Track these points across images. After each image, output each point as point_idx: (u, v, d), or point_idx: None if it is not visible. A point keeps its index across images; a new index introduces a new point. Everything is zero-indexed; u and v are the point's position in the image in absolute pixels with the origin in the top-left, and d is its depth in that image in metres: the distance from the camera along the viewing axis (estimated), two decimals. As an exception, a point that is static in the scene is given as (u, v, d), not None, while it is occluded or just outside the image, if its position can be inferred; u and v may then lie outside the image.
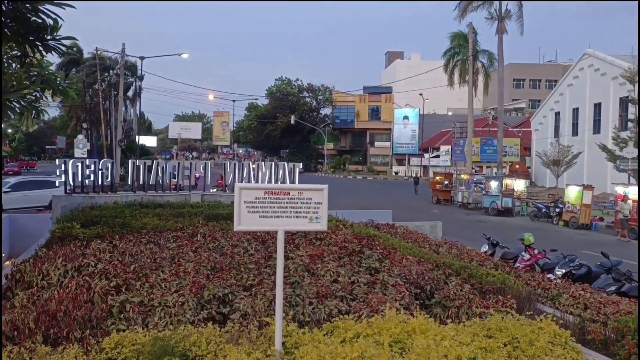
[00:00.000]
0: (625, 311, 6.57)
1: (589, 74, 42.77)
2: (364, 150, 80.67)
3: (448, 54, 44.97)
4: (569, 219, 26.20)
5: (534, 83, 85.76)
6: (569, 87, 45.82)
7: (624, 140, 27.86)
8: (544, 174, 45.85)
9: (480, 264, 8.90)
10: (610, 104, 39.53)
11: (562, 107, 46.59)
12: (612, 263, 10.20)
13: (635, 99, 28.08)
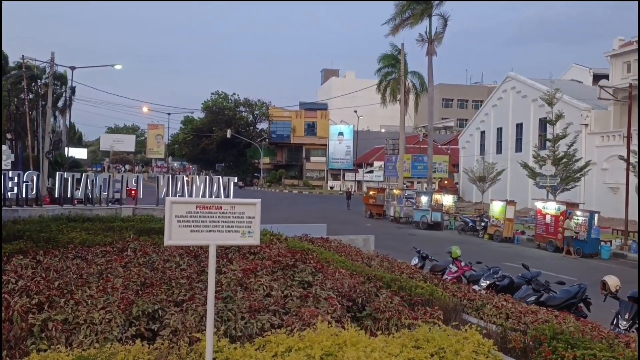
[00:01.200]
0: (542, 320, 6.91)
1: (511, 95, 45.00)
2: (300, 165, 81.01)
3: (381, 73, 46.08)
4: (494, 232, 27.31)
5: (461, 103, 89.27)
6: (493, 107, 47.96)
7: (543, 158, 29.36)
8: (471, 189, 47.59)
9: (410, 277, 9.11)
10: (531, 124, 41.72)
11: (487, 126, 48.67)
12: (532, 274, 10.69)
13: (553, 120, 29.72)
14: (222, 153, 79.66)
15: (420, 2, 40.05)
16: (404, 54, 42.84)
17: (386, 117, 75.86)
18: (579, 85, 46.09)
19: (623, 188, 26.09)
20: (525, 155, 38.29)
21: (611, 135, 34.17)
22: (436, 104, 74.15)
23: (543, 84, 38.56)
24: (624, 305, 8.77)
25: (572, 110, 35.88)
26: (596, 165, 33.78)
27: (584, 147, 34.90)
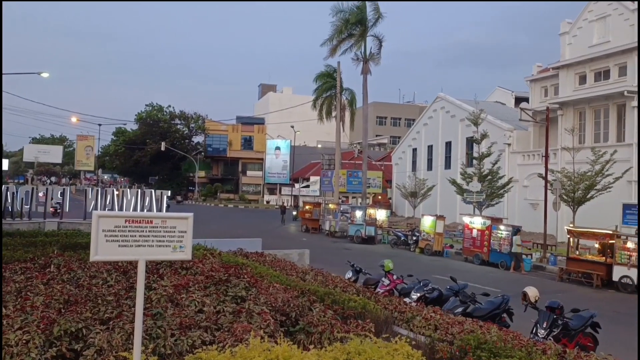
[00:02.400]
0: (468, 330, 7.15)
1: (441, 115, 46.61)
2: (236, 179, 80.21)
3: (317, 90, 46.62)
4: (424, 246, 28.02)
5: (394, 121, 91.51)
6: (424, 126, 49.46)
7: (470, 175, 30.51)
8: (403, 204, 48.70)
9: (344, 290, 9.18)
10: (459, 142, 43.33)
11: (418, 144, 50.11)
12: (460, 286, 11.05)
13: (478, 139, 31.00)
14: (155, 166, 77.69)
15: (356, 25, 40.95)
16: (340, 73, 43.57)
17: (322, 133, 76.59)
18: (503, 107, 48.37)
19: (542, 204, 27.49)
20: (453, 172, 39.62)
21: (531, 155, 36.02)
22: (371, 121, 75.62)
23: (470, 104, 40.21)
24: (542, 314, 9.22)
25: (496, 130, 37.60)
26: (518, 183, 35.45)
27: (507, 165, 36.57)
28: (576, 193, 25.26)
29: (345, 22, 40.67)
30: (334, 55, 42.03)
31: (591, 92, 31.90)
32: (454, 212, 39.27)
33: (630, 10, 29.88)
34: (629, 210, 23.97)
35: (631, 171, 27.53)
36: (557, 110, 33.81)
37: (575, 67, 33.43)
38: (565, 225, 24.82)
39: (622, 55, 30.20)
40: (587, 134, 32.70)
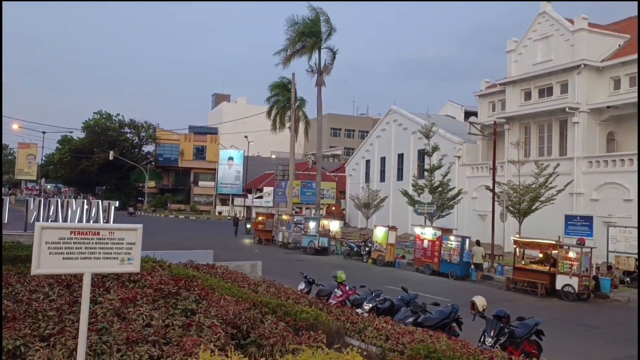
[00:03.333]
0: (418, 340, 7.24)
1: (394, 127, 47.36)
2: (187, 189, 78.85)
3: (271, 101, 46.60)
4: (377, 257, 28.26)
5: (348, 132, 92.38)
6: (377, 138, 50.12)
7: (421, 187, 31.06)
8: (357, 215, 49.06)
9: (296, 302, 9.14)
10: (411, 154, 44.10)
11: (372, 155, 50.71)
12: (411, 296, 11.19)
13: (430, 152, 31.65)
14: (103, 175, 75.44)
15: (310, 37, 41.23)
16: (295, 84, 43.74)
17: (276, 144, 76.45)
18: (453, 121, 49.61)
19: (490, 215, 28.25)
20: (405, 183, 40.24)
21: (480, 167, 37.02)
22: (325, 132, 76.15)
23: (421, 118, 41.06)
24: (490, 323, 9.44)
25: (446, 143, 38.48)
26: (467, 194, 36.33)
27: (456, 177, 37.42)
28: (522, 205, 26.09)
29: (299, 34, 40.89)
30: (287, 66, 42.17)
31: (535, 108, 33.12)
32: (406, 223, 39.85)
33: (570, 32, 31.25)
34: (571, 221, 24.90)
35: (572, 184, 28.69)
36: (504, 124, 34.93)
37: (520, 84, 34.66)
38: (511, 235, 25.55)
39: (563, 73, 31.53)
40: (532, 148, 33.89)
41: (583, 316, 16.98)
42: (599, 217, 26.50)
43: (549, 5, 33.04)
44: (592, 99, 30.50)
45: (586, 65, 30.22)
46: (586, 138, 30.42)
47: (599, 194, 28.68)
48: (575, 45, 30.92)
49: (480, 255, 24.61)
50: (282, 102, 45.67)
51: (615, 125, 31.35)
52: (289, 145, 45.26)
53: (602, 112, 30.60)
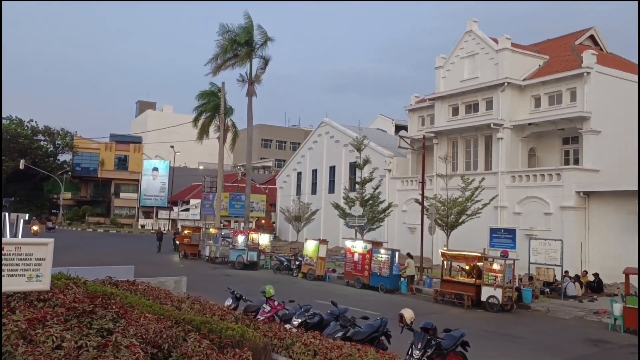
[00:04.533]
0: (346, 354, 7.09)
1: (325, 140, 47.61)
2: (107, 201, 75.64)
3: (199, 109, 45.65)
4: (307, 271, 28.04)
5: (280, 144, 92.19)
6: (309, 150, 50.21)
7: (352, 199, 31.27)
8: (287, 228, 48.79)
9: (222, 318, 8.80)
10: (342, 167, 44.43)
11: (303, 167, 50.70)
12: (340, 311, 11.08)
13: (361, 164, 31.96)
14: (12, 186, 70.31)
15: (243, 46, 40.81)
16: (225, 92, 43.09)
17: (205, 154, 75.06)
18: (384, 134, 50.54)
19: (419, 228, 28.79)
20: (337, 196, 40.41)
21: (409, 181, 37.79)
22: (256, 143, 75.56)
23: (353, 130, 41.49)
24: (417, 335, 9.47)
25: (377, 156, 39.05)
26: (397, 207, 36.94)
27: (387, 190, 37.98)
28: (449, 218, 26.75)
29: (231, 42, 40.36)
30: (217, 74, 41.34)
31: (462, 123, 34.23)
32: (337, 236, 39.97)
33: (495, 51, 32.62)
34: (495, 234, 25.76)
35: (497, 197, 29.77)
36: (432, 138, 35.86)
37: (448, 99, 35.77)
38: (440, 248, 26.10)
39: (488, 90, 32.81)
40: (459, 162, 34.95)
41: (506, 326, 17.46)
42: (522, 230, 27.65)
43: (475, 25, 34.38)
44: (515, 116, 31.89)
45: (509, 83, 31.60)
46: (510, 153, 31.71)
47: (521, 208, 29.90)
48: (500, 63, 32.28)
49: (413, 267, 25.02)
50: (210, 111, 44.79)
51: (536, 141, 32.90)
52: (217, 156, 44.43)
53: (524, 129, 32.03)
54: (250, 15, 40.62)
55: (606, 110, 28.83)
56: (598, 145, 28.74)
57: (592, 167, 28.39)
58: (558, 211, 27.79)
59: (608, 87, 29.24)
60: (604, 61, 30.91)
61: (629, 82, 30.25)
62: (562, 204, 27.59)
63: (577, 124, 29.13)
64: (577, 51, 32.12)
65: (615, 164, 28.48)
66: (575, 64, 30.18)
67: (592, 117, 28.52)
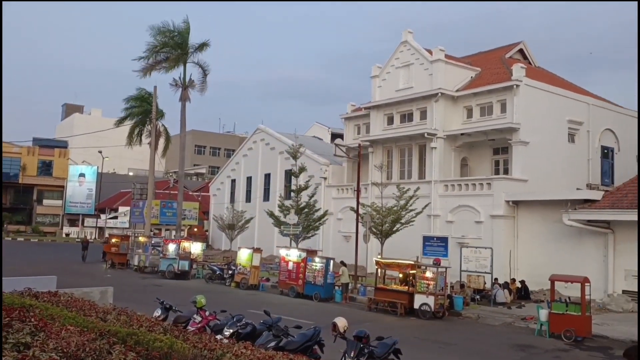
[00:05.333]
0: (279, 364, 6.88)
1: (261, 147, 47.15)
2: (29, 208, 71.50)
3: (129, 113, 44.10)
4: (240, 280, 27.53)
5: (214, 150, 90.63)
6: (244, 157, 49.56)
7: (287, 207, 31.00)
8: (220, 237, 47.86)
9: (150, 330, 8.37)
10: (278, 175, 44.10)
11: (237, 175, 49.97)
12: (273, 320, 10.87)
13: (296, 172, 31.79)
14: None
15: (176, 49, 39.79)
16: (156, 97, 41.86)
17: (135, 160, 72.64)
18: (320, 142, 50.64)
19: (354, 236, 28.86)
20: (272, 204, 40.01)
21: (345, 189, 37.95)
22: (189, 150, 73.83)
23: (289, 138, 41.29)
24: (350, 344, 9.39)
25: (313, 164, 39.00)
26: (333, 215, 36.98)
27: (322, 198, 37.95)
28: (384, 226, 26.96)
29: (163, 45, 39.26)
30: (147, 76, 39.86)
31: (397, 133, 34.75)
32: (272, 245, 39.53)
33: (429, 61, 33.38)
34: (428, 242, 26.20)
35: (430, 206, 30.33)
36: (368, 147, 36.19)
37: (384, 109, 36.25)
38: (374, 256, 26.24)
39: (422, 100, 33.49)
40: (394, 171, 35.42)
41: (438, 333, 17.68)
42: (454, 238, 28.26)
43: (410, 35, 35.08)
44: (448, 126, 32.69)
45: (443, 94, 32.37)
46: (443, 163, 32.43)
47: (453, 216, 30.59)
48: (434, 74, 33.03)
49: (347, 275, 25.03)
50: (140, 115, 43.33)
51: (468, 151, 33.86)
52: (148, 162, 43.01)
53: (456, 139, 32.88)
54: (188, 18, 39.72)
55: (534, 121, 29.99)
56: (526, 156, 29.83)
57: (521, 177, 29.39)
58: (488, 220, 28.58)
59: (536, 99, 30.49)
60: (532, 74, 32.24)
61: (555, 95, 31.65)
62: (492, 213, 28.42)
63: (507, 134, 30.17)
64: (507, 64, 33.36)
65: (542, 174, 29.67)
66: (505, 76, 31.29)
67: (520, 129, 29.56)
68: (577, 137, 32.37)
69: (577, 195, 26.13)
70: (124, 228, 56.05)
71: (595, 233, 24.83)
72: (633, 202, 23.42)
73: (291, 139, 38.98)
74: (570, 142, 32.13)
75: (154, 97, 41.77)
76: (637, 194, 23.07)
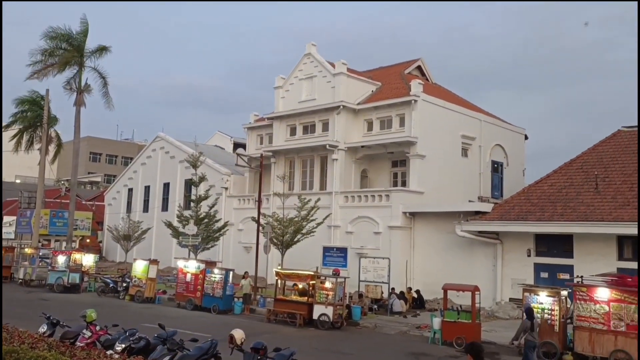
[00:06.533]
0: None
1: (160, 155, 45.67)
2: None
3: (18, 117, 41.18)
4: (135, 293, 26.49)
5: (110, 158, 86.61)
6: (142, 165, 47.77)
7: (187, 218, 30.23)
8: (115, 248, 45.75)
9: (33, 347, 7.90)
10: (177, 184, 42.90)
11: (135, 184, 48.04)
12: (168, 334, 10.53)
13: (196, 182, 31.10)
14: None
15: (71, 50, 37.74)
16: (49, 100, 39.40)
17: (24, 167, 67.70)
18: (222, 151, 49.92)
19: (255, 247, 28.63)
20: (171, 214, 38.86)
21: (246, 199, 37.60)
22: (83, 157, 70.08)
23: (189, 146, 40.35)
24: (247, 356, 9.32)
25: (214, 173, 38.37)
26: (233, 226, 36.49)
27: (223, 208, 37.37)
28: (285, 237, 27.00)
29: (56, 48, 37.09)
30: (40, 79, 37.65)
31: (299, 144, 35.04)
32: (170, 256, 38.30)
33: (332, 74, 34.04)
34: (328, 252, 26.55)
35: (331, 217, 30.78)
36: (271, 157, 36.17)
37: (287, 119, 36.43)
38: (275, 267, 26.16)
39: (325, 112, 34.03)
40: (296, 182, 35.62)
41: (336, 343, 17.90)
42: (353, 249, 28.82)
43: (313, 48, 35.60)
44: (349, 139, 33.42)
45: (345, 106, 33.06)
46: (343, 174, 33.05)
47: (353, 227, 31.20)
48: (336, 87, 33.67)
49: (248, 286, 24.82)
50: (30, 120, 40.56)
51: (368, 163, 34.78)
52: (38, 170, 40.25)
53: (357, 151, 33.69)
54: (86, 17, 37.89)
55: (430, 136, 31.35)
56: (423, 169, 31.09)
57: (417, 189, 30.58)
58: (386, 230, 29.43)
59: (432, 114, 31.88)
60: (429, 91, 33.78)
61: (450, 111, 33.29)
62: (390, 224, 29.31)
63: (405, 148, 31.32)
64: (406, 80, 34.71)
65: (437, 186, 31.04)
66: (404, 91, 32.51)
67: (418, 142, 30.77)
68: (470, 152, 34.28)
69: (469, 207, 27.58)
70: (10, 239, 51.86)
71: (486, 243, 26.33)
72: (519, 214, 25.16)
73: (192, 148, 38.13)
74: (463, 157, 33.96)
75: (45, 101, 39.30)
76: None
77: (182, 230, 29.70)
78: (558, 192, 25.38)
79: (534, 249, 25.07)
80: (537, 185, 26.80)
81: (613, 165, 25.30)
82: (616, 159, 25.57)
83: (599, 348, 15.49)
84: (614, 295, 15.54)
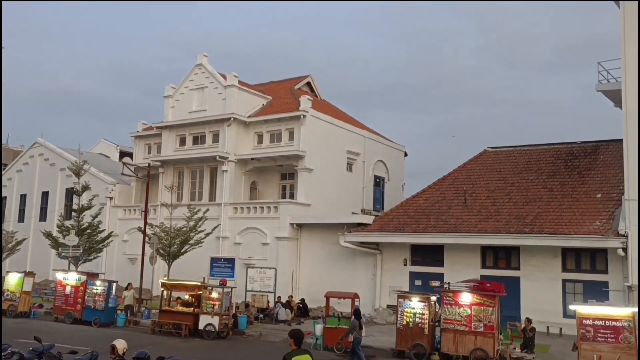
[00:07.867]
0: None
1: (39, 162, 43.08)
2: None
3: None
4: (8, 307, 24.99)
5: (-20, 163, 79.73)
6: (18, 172, 44.74)
7: (67, 228, 28.95)
8: (-16, 261, 42.29)
9: None
10: (58, 193, 40.69)
11: (9, 192, 44.81)
12: (45, 347, 10.26)
13: (79, 191, 29.89)
14: None
15: None
16: None
17: None
18: (107, 160, 48.01)
19: (140, 258, 28.04)
20: (50, 224, 36.86)
21: (132, 209, 36.58)
22: (-53, 161, 63.96)
23: (72, 154, 38.51)
24: None
25: (98, 182, 36.98)
26: (118, 237, 35.37)
27: (108, 219, 36.15)
28: (172, 247, 26.74)
29: None
30: None
31: (189, 154, 34.78)
32: (48, 269, 36.20)
33: (223, 86, 34.22)
34: (216, 263, 26.64)
35: (219, 228, 30.90)
36: (159, 167, 35.53)
37: (176, 129, 36.01)
38: (161, 278, 25.84)
39: (215, 124, 34.09)
40: (185, 192, 35.24)
41: (221, 353, 18.18)
42: (241, 259, 29.16)
43: (205, 59, 35.58)
44: (240, 150, 33.73)
45: (235, 119, 33.34)
46: (233, 186, 33.27)
47: (242, 238, 31.49)
48: (227, 99, 33.87)
49: (132, 297, 24.31)
50: None
51: (258, 175, 35.29)
52: None
53: (247, 163, 34.07)
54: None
55: (318, 150, 32.52)
56: (310, 182, 32.16)
57: (305, 202, 31.58)
58: (274, 241, 30.11)
59: (320, 130, 33.08)
60: (318, 107, 35.00)
61: (337, 127, 34.65)
62: (278, 235, 30.02)
63: (294, 161, 32.24)
64: (296, 95, 35.74)
65: (323, 199, 32.26)
66: (294, 106, 33.45)
67: (306, 156, 31.79)
68: (354, 167, 35.92)
69: (352, 220, 29.01)
70: None
71: (367, 254, 27.86)
72: (397, 226, 26.92)
73: (75, 155, 36.45)
74: (348, 171, 35.52)
75: None
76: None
77: (63, 240, 28.41)
78: (432, 205, 27.50)
79: (410, 259, 26.93)
80: (414, 199, 28.83)
81: (479, 181, 27.90)
82: (482, 176, 28.23)
83: (462, 347, 17.11)
84: (475, 299, 17.26)
